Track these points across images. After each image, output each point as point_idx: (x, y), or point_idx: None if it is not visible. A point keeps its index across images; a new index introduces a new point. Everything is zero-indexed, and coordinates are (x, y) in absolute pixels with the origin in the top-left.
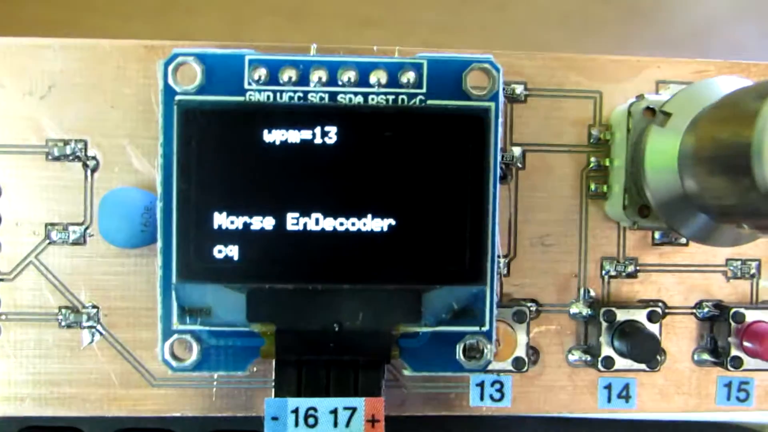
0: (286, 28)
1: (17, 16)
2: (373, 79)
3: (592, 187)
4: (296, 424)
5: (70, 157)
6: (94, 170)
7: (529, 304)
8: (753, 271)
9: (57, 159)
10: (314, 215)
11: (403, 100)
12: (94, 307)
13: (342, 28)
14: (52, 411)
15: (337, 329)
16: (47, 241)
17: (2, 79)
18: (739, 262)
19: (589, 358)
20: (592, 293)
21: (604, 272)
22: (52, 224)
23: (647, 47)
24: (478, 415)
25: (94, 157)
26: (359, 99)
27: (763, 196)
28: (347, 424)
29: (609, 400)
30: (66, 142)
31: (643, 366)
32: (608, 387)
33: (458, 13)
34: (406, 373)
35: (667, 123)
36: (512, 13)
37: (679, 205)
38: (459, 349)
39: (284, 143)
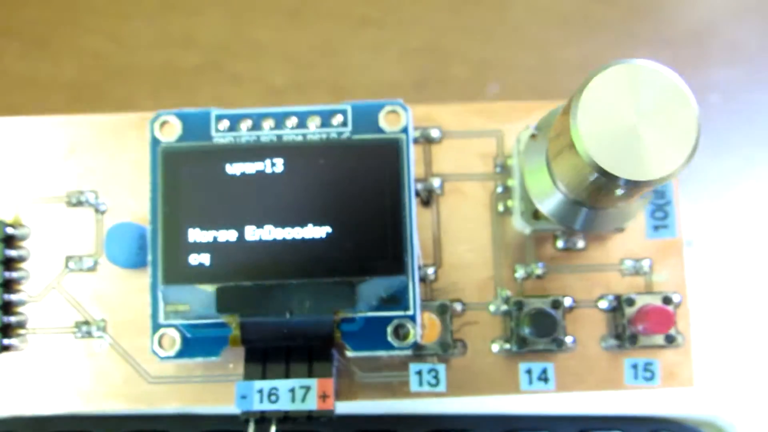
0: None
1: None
2: (310, 122)
3: (500, 207)
4: (261, 401)
5: (85, 205)
6: (103, 213)
7: (455, 304)
8: (646, 269)
9: (75, 206)
10: (267, 227)
11: (333, 136)
12: (103, 321)
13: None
14: (68, 406)
15: (288, 316)
16: (67, 270)
17: (36, 146)
18: (632, 261)
19: (508, 346)
20: (508, 293)
21: (517, 275)
22: (70, 256)
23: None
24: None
25: (103, 204)
26: (300, 138)
27: (595, 172)
28: (303, 400)
29: (530, 382)
30: (81, 193)
31: (554, 347)
32: (529, 371)
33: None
34: (349, 354)
35: (538, 139)
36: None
37: (558, 203)
38: (389, 330)
39: (243, 173)
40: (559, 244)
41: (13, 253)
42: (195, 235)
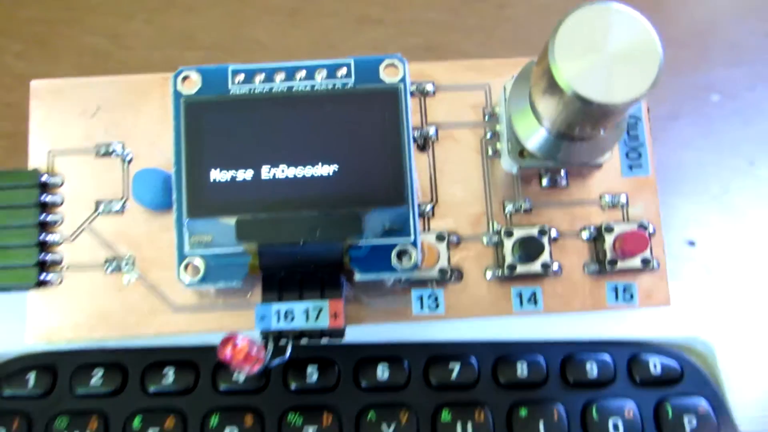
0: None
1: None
2: (317, 75)
3: (490, 151)
4: (278, 321)
5: (112, 155)
6: (129, 162)
7: (450, 236)
8: (623, 201)
9: (103, 156)
10: (281, 166)
11: (338, 86)
12: (131, 257)
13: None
14: (101, 333)
15: (302, 243)
16: (97, 213)
17: (65, 105)
18: (610, 196)
19: (500, 272)
20: (499, 225)
21: (506, 210)
22: (100, 201)
23: None
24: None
25: (129, 154)
26: (308, 88)
27: (571, 99)
28: (316, 318)
29: (521, 304)
30: (109, 145)
31: (541, 271)
32: (519, 295)
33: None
34: (357, 277)
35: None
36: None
37: (542, 139)
38: (393, 255)
39: (257, 120)
40: (544, 182)
41: (48, 198)
42: (216, 174)
